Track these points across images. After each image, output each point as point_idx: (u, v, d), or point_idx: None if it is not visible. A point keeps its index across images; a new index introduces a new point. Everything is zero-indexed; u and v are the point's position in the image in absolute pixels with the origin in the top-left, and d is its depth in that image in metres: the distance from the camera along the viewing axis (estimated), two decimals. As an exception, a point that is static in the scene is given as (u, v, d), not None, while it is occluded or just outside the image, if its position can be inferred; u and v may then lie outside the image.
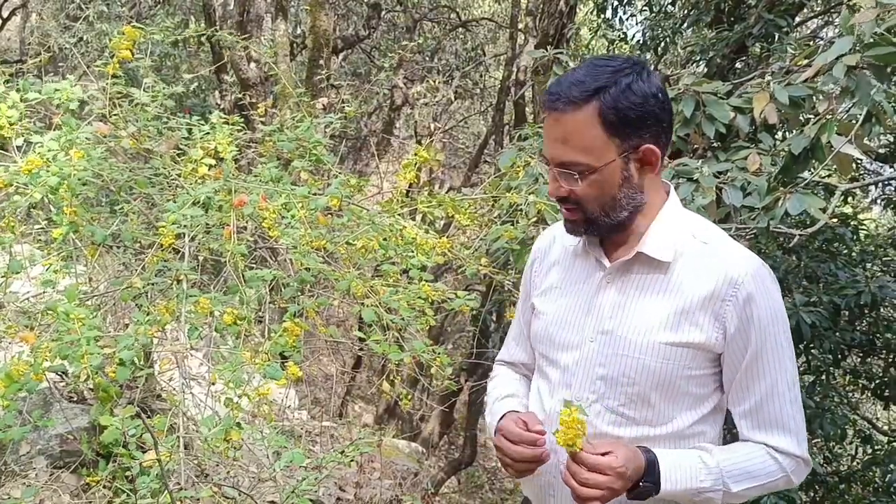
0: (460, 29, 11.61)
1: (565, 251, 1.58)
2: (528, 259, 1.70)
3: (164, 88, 2.76)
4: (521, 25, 9.08)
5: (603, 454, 1.34)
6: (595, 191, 1.38)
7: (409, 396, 2.98)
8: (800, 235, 3.04)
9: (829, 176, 3.76)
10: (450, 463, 8.60)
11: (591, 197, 1.39)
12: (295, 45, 9.38)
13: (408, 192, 3.24)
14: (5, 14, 11.40)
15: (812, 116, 2.85)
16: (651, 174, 1.41)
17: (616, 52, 7.73)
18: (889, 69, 2.43)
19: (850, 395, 5.95)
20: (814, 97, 2.87)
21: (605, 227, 1.43)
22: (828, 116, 2.60)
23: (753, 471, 1.38)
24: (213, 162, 2.60)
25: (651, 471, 1.37)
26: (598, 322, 1.46)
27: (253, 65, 7.20)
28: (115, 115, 2.56)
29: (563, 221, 1.48)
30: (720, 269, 1.38)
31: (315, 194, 2.56)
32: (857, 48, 2.43)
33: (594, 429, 1.45)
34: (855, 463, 5.98)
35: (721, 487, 1.37)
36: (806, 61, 3.34)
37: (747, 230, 3.00)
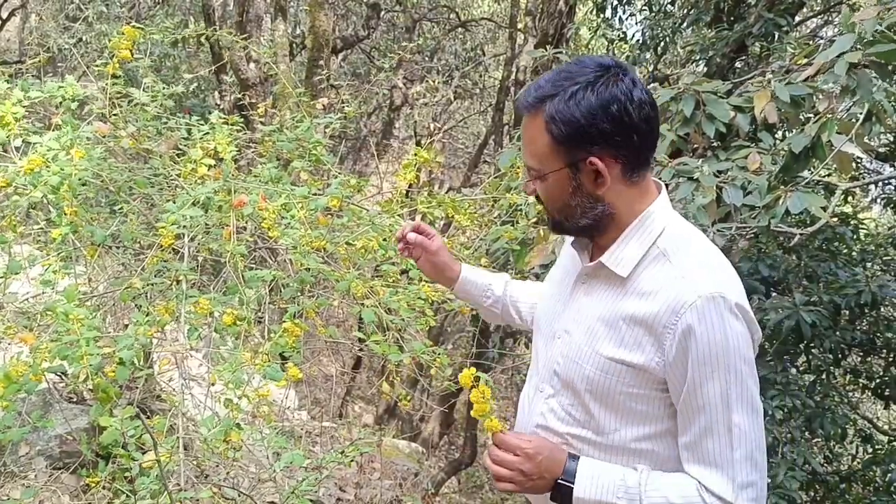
0: (459, 29, 11.61)
1: (570, 248, 1.58)
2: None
3: (163, 88, 2.75)
4: (520, 25, 9.08)
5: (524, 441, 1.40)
6: (549, 195, 1.41)
7: (409, 397, 2.98)
8: (800, 234, 3.04)
9: (828, 175, 3.77)
10: (450, 463, 8.59)
11: (548, 200, 1.43)
12: (294, 45, 9.37)
13: (407, 192, 3.23)
14: (4, 14, 11.39)
15: (811, 115, 2.85)
16: (615, 187, 1.37)
17: (616, 52, 7.72)
18: (891, 67, 2.43)
19: (851, 394, 5.94)
20: (814, 96, 2.87)
21: (573, 230, 1.45)
22: (828, 115, 2.59)
23: (675, 502, 1.32)
24: (212, 162, 2.60)
25: (570, 472, 1.37)
26: (566, 320, 1.49)
27: (252, 65, 7.20)
28: (114, 115, 2.55)
29: None
30: (670, 293, 1.32)
31: (315, 194, 2.56)
32: (859, 46, 2.43)
33: (546, 422, 1.49)
34: (855, 462, 5.97)
35: None
36: (806, 60, 3.34)
37: (748, 229, 3.00)
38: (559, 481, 1.37)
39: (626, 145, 1.34)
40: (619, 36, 7.57)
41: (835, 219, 4.79)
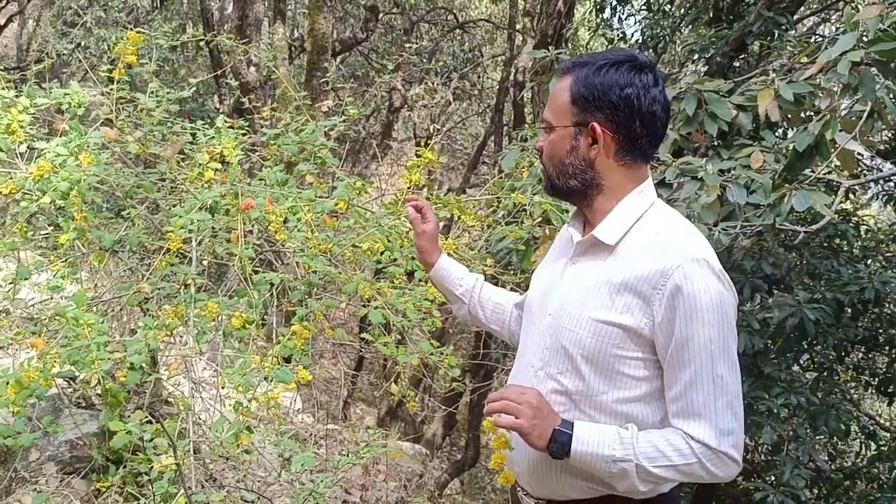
0: (458, 30, 11.61)
1: (567, 231, 1.69)
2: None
3: (168, 93, 2.76)
4: (518, 26, 9.09)
5: None
6: (550, 150, 1.56)
7: (415, 397, 2.98)
8: (805, 232, 3.04)
9: (829, 173, 3.77)
10: (453, 464, 8.60)
11: (548, 154, 1.57)
12: (293, 48, 9.38)
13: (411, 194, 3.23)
14: (2, 21, 11.38)
15: (812, 113, 2.85)
16: (606, 160, 1.51)
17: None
18: (893, 64, 2.44)
19: (853, 391, 5.95)
20: (815, 94, 2.87)
21: (561, 190, 1.58)
22: (831, 113, 2.60)
23: (666, 450, 1.42)
24: (218, 166, 2.60)
25: (567, 424, 1.46)
26: (557, 298, 1.58)
27: (252, 69, 7.20)
28: (120, 120, 2.55)
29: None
30: (658, 257, 1.43)
31: (321, 197, 2.56)
32: (861, 44, 2.44)
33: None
34: (859, 459, 5.98)
35: (633, 459, 1.41)
36: (807, 59, 3.34)
37: (751, 227, 3.01)
38: (558, 429, 1.45)
39: (626, 126, 1.49)
40: (618, 36, 7.58)
41: (836, 216, 4.80)
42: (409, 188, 2.74)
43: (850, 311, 4.73)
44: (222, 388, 2.28)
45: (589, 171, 1.52)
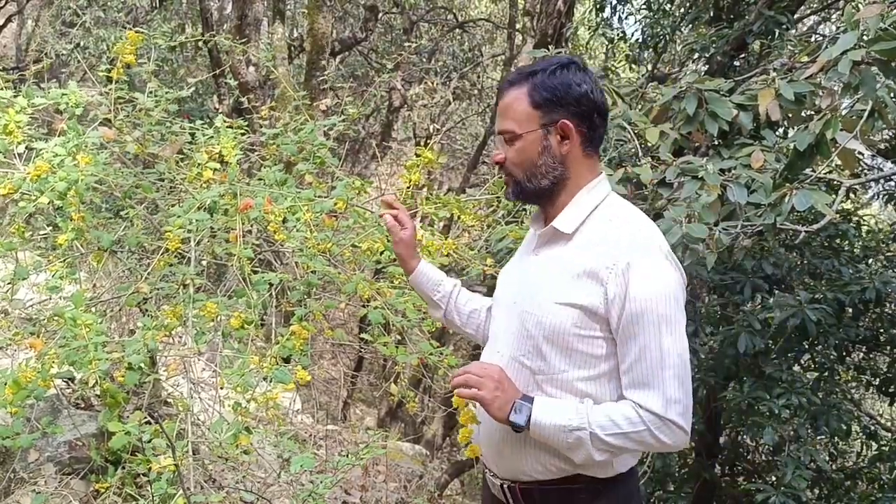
0: (457, 30, 11.60)
1: (532, 233, 1.81)
2: None
3: (167, 93, 2.75)
4: (518, 26, 9.08)
5: None
6: (519, 157, 1.64)
7: (415, 398, 2.97)
8: (806, 231, 3.03)
9: (830, 172, 3.76)
10: (453, 465, 8.59)
11: (517, 161, 1.65)
12: (292, 48, 9.37)
13: (411, 194, 3.22)
14: (1, 20, 11.37)
15: (813, 113, 2.84)
16: (574, 153, 1.63)
17: (615, 51, 7.72)
18: (894, 63, 2.43)
19: (854, 391, 5.94)
20: (816, 93, 2.87)
21: (531, 193, 1.67)
22: (832, 112, 2.59)
23: (617, 419, 1.51)
24: (217, 166, 2.59)
25: (527, 397, 1.56)
26: (520, 287, 1.70)
27: (252, 68, 7.19)
28: (119, 120, 2.55)
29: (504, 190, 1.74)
30: (610, 241, 1.56)
31: (320, 197, 2.55)
32: (862, 43, 2.43)
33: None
34: (861, 459, 5.97)
35: (587, 427, 1.51)
36: (808, 58, 3.33)
37: (752, 227, 3.00)
38: (518, 401, 1.55)
39: (588, 118, 1.63)
40: (618, 35, 7.57)
41: (837, 216, 4.79)
42: (408, 188, 2.74)
43: (851, 311, 4.72)
44: (221, 388, 2.27)
45: (559, 167, 1.64)
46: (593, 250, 1.57)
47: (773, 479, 5.20)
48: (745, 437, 5.86)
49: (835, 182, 3.68)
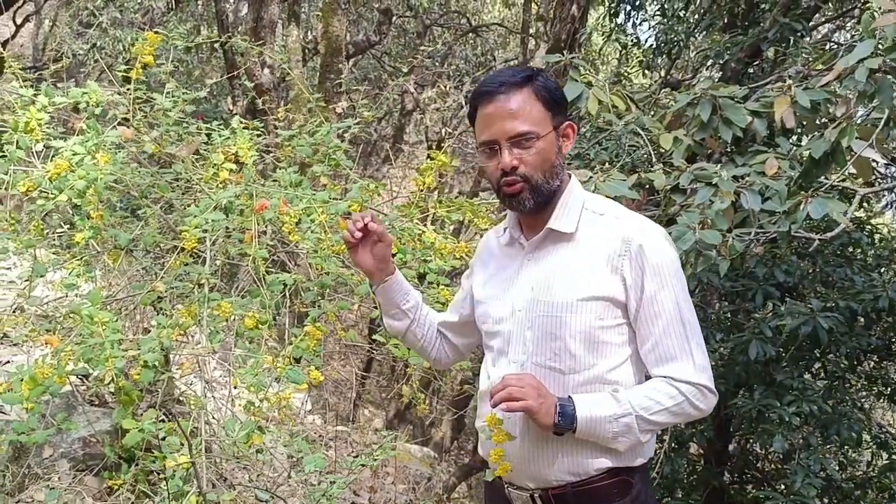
0: (471, 34, 11.62)
1: (499, 245, 1.83)
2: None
3: (184, 93, 2.77)
4: (532, 31, 9.08)
5: None
6: (539, 158, 1.64)
7: (425, 400, 2.99)
8: (819, 239, 3.02)
9: (844, 180, 3.75)
10: (461, 468, 8.58)
11: (536, 164, 1.64)
12: (307, 50, 9.40)
13: (424, 197, 3.23)
14: (18, 20, 11.47)
15: (827, 120, 2.84)
16: (565, 153, 1.70)
17: (629, 56, 7.71)
18: (911, 73, 2.42)
19: (865, 400, 5.90)
20: (831, 101, 2.86)
21: (546, 193, 1.66)
22: (847, 120, 2.59)
23: (657, 397, 1.56)
24: (233, 166, 2.61)
25: (567, 399, 1.57)
26: (522, 294, 1.69)
27: (266, 70, 7.23)
28: (137, 120, 2.57)
29: (507, 202, 1.69)
30: (615, 231, 1.62)
31: (335, 199, 2.57)
32: (879, 51, 2.43)
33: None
34: (871, 469, 5.93)
35: (632, 412, 1.55)
36: (823, 66, 3.33)
37: (766, 234, 2.99)
38: (560, 402, 1.56)
39: (570, 119, 1.72)
40: (632, 41, 7.56)
41: (850, 224, 4.76)
42: (420, 191, 2.75)
43: (863, 319, 4.70)
44: (234, 387, 2.29)
45: (565, 167, 1.71)
46: (599, 243, 1.63)
47: (783, 487, 5.18)
48: (754, 444, 5.84)
49: (849, 190, 3.67)
